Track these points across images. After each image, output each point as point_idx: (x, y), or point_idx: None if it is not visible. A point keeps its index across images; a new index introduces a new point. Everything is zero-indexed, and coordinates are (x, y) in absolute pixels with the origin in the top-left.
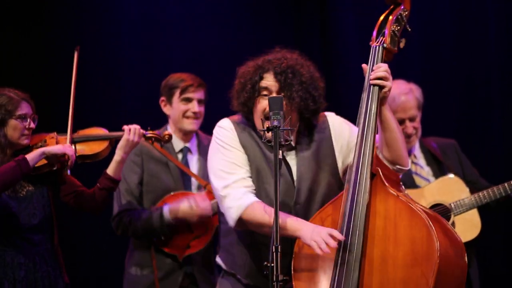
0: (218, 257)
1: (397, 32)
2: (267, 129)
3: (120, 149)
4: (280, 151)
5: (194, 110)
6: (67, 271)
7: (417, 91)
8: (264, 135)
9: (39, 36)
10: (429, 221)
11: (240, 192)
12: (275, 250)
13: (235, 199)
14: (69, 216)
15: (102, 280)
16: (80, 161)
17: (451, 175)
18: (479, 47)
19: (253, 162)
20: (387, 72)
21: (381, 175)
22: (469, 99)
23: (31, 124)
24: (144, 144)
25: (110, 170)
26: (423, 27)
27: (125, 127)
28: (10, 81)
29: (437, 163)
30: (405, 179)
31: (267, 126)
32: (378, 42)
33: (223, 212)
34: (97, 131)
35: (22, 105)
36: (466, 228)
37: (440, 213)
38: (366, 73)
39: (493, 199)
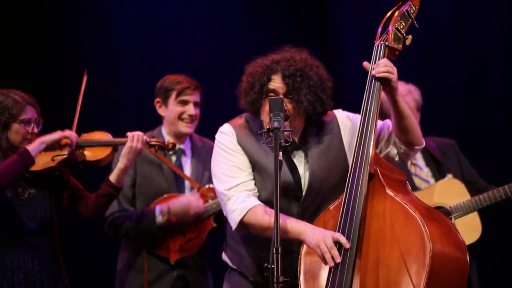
0: (224, 255)
1: (401, 29)
2: (267, 130)
3: (123, 156)
4: (281, 152)
5: (190, 113)
6: (67, 271)
7: (416, 92)
8: (264, 136)
9: (39, 36)
10: (422, 221)
11: (242, 195)
12: (275, 251)
13: (238, 202)
14: (69, 217)
15: (102, 280)
16: (83, 166)
17: (451, 177)
18: (481, 46)
19: (255, 164)
20: (387, 67)
21: (380, 175)
22: (470, 98)
23: (35, 129)
24: None
25: (113, 177)
26: (424, 26)
27: (128, 134)
28: (10, 81)
29: (436, 164)
30: None
31: (267, 127)
32: (381, 40)
33: (226, 215)
34: (100, 136)
35: (27, 109)
36: (466, 231)
37: None
38: (368, 71)
39: (493, 202)
